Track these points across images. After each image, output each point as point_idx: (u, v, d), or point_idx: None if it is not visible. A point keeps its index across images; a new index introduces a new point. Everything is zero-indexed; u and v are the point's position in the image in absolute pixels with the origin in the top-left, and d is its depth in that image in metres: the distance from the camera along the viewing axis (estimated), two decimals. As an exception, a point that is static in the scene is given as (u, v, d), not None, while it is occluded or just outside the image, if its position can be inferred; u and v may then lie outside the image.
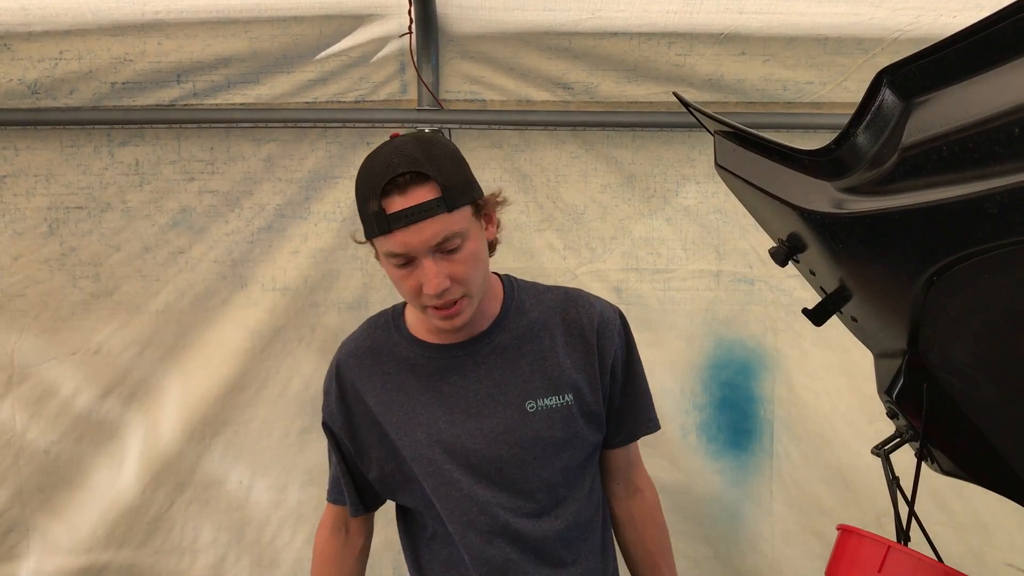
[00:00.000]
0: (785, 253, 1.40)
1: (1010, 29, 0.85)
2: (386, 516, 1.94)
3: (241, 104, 2.39)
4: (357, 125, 2.42)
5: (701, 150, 2.47)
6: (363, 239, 1.53)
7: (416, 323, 1.71)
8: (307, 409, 2.51)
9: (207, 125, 2.40)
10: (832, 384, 2.51)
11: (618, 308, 1.76)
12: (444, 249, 1.46)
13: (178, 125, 2.38)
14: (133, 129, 2.39)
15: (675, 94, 1.57)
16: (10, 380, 2.44)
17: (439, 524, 1.68)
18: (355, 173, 2.42)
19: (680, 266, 2.50)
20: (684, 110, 2.44)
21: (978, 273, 1.03)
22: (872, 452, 1.39)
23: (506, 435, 1.62)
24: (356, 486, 1.78)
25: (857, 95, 2.51)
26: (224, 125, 2.40)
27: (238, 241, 2.46)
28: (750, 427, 2.50)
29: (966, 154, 0.93)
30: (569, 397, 1.64)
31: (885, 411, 1.42)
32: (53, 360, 2.45)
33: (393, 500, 1.80)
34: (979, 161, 0.91)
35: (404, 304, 1.76)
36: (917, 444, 1.36)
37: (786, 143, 1.27)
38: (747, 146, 1.40)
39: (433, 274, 1.45)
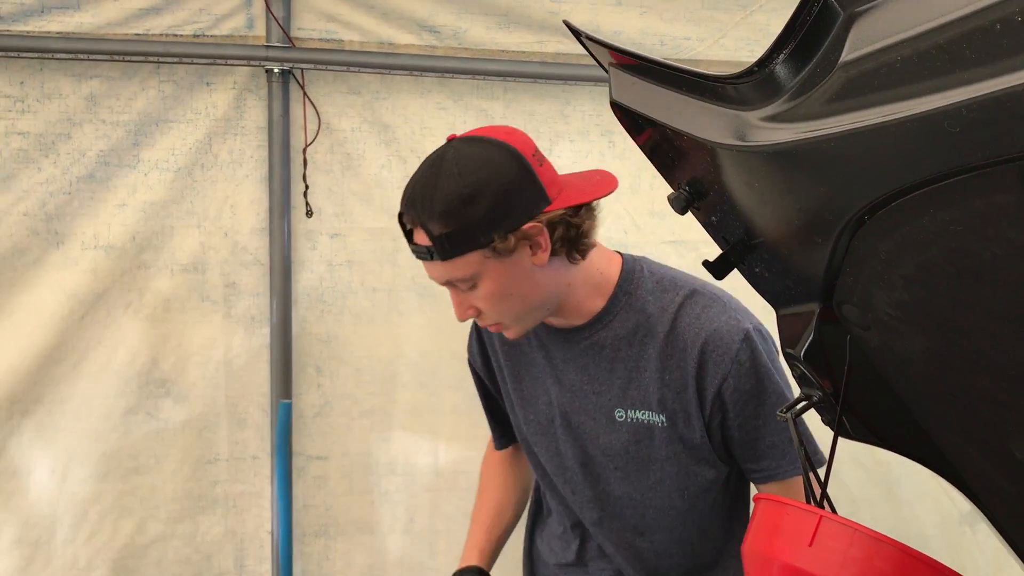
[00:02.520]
0: (685, 200, 1.27)
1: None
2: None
3: (58, 32, 2.08)
4: (195, 61, 2.15)
5: (576, 105, 2.34)
6: None
7: None
8: (132, 386, 2.22)
9: (15, 55, 2.07)
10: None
11: (752, 329, 1.50)
12: (456, 287, 1.44)
13: (-21, 53, 2.05)
14: (-80, 56, 2.04)
15: (565, 23, 1.41)
16: None
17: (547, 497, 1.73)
18: (191, 117, 2.19)
19: (553, 230, 2.36)
20: (558, 62, 2.31)
21: (922, 208, 0.91)
22: (778, 416, 1.27)
23: (592, 438, 1.57)
24: (497, 420, 1.79)
25: (735, 52, 2.43)
26: (37, 55, 2.08)
27: (53, 192, 2.14)
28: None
29: (926, 62, 0.79)
30: (663, 417, 1.51)
31: (791, 373, 1.31)
32: None
33: None
34: (942, 70, 0.78)
35: None
36: (826, 407, 1.25)
37: (695, 69, 1.13)
38: (649, 78, 1.24)
39: (455, 304, 1.47)
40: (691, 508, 1.59)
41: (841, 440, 1.19)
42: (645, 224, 2.42)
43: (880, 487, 2.49)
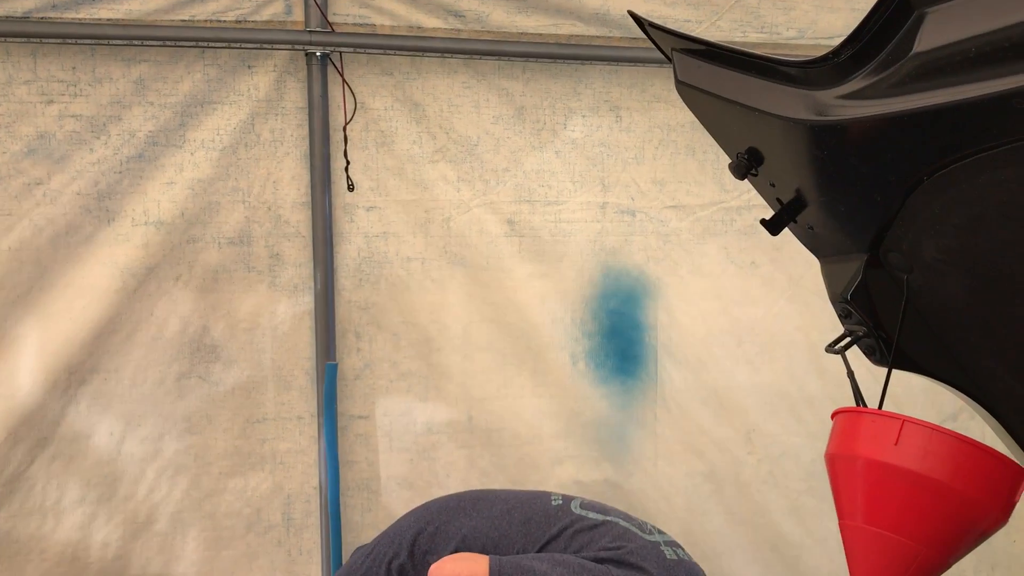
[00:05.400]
0: (745, 166, 1.46)
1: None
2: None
3: (108, 19, 2.17)
4: (239, 46, 2.27)
5: (587, 83, 2.52)
6: None
7: None
8: (184, 352, 2.35)
9: (69, 41, 2.16)
10: (706, 308, 2.65)
11: None
12: None
13: (35, 40, 2.13)
14: (-22, 43, 2.12)
15: (630, 12, 1.59)
16: None
17: None
18: (235, 99, 2.32)
19: (569, 198, 2.54)
20: (572, 43, 2.49)
21: (978, 170, 1.13)
22: (826, 350, 1.49)
23: None
24: None
25: (729, 33, 2.64)
26: (89, 42, 2.18)
27: (104, 171, 2.25)
28: (636, 353, 2.61)
29: (996, 53, 1.01)
30: None
31: (837, 312, 1.52)
32: None
33: None
34: (1009, 60, 1.00)
35: None
36: (869, 341, 1.47)
37: (766, 55, 1.32)
38: (716, 62, 1.43)
39: None
40: None
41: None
42: (649, 191, 2.61)
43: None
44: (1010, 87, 1.01)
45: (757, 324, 2.66)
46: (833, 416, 1.29)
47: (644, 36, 2.51)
